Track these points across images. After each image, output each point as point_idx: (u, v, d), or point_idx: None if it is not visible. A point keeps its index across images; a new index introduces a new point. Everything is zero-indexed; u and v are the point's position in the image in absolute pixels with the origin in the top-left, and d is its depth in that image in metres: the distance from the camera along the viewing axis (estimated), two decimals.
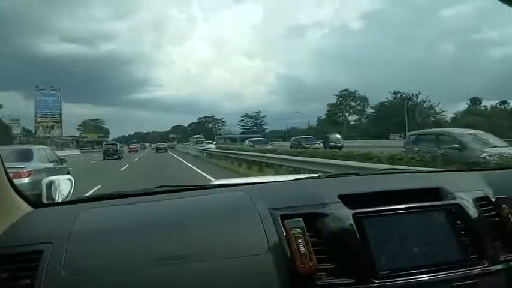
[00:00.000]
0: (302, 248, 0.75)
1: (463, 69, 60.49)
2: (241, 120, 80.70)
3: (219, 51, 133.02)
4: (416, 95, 50.65)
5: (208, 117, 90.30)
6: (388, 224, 0.85)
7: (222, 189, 1.07)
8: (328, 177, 1.15)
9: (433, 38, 73.49)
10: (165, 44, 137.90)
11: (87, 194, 1.04)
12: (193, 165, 15.06)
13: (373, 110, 57.83)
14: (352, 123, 62.42)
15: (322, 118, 65.80)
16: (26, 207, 0.94)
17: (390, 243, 0.83)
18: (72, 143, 56.78)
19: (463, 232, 0.86)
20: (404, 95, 51.44)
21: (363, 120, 62.06)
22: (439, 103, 48.83)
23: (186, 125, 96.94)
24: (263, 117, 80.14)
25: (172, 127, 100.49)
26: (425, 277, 0.79)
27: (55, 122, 54.75)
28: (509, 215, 0.90)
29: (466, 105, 46.06)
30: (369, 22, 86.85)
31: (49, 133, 53.19)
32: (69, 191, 1.13)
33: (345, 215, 0.83)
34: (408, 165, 4.58)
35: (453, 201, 0.91)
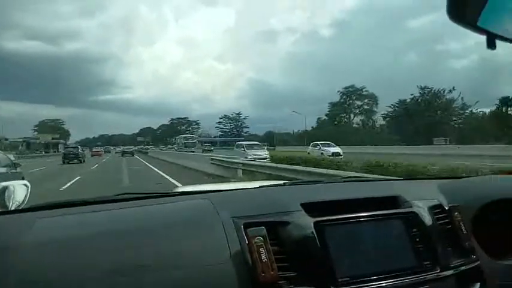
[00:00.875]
0: (263, 257, 0.83)
1: (426, 77, 63.44)
2: (220, 122, 79.47)
3: (189, 54, 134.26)
4: (450, 90, 44.53)
5: (181, 118, 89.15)
6: (349, 232, 0.95)
7: (186, 197, 1.12)
8: (293, 184, 1.24)
9: (399, 47, 77.96)
10: (135, 44, 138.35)
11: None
12: None
13: (392, 109, 52.20)
14: (355, 125, 58.95)
15: (322, 119, 62.43)
16: None
17: (350, 251, 0.93)
18: (22, 145, 54.08)
19: (418, 239, 0.98)
20: (433, 91, 45.88)
21: (367, 123, 58.13)
22: (477, 102, 41.89)
23: (155, 128, 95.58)
24: (244, 119, 79.28)
25: (141, 129, 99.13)
26: (382, 283, 0.89)
27: None
28: (460, 223, 1.03)
29: (496, 106, 40.96)
30: (339, 30, 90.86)
31: None
32: (25, 198, 1.15)
33: (307, 223, 0.92)
34: None
35: (409, 209, 1.02)
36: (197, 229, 0.91)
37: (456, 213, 1.04)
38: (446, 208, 1.07)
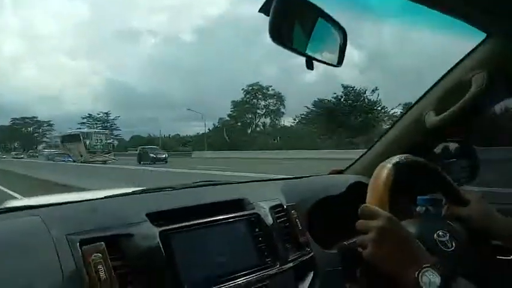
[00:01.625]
0: (102, 275, 0.79)
1: (282, 89, 66.03)
2: (83, 123, 64.38)
3: (32, 47, 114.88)
4: (373, 90, 41.00)
5: (28, 118, 74.75)
6: (195, 238, 0.99)
7: (14, 214, 0.98)
8: (142, 192, 1.22)
9: (258, 59, 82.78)
10: None
11: None
12: None
13: (309, 110, 45.73)
14: (258, 129, 53.26)
15: (225, 119, 54.14)
16: None
17: (196, 257, 0.96)
18: None
19: (260, 239, 1.09)
20: (355, 90, 41.83)
21: (271, 125, 52.60)
22: (399, 105, 37.90)
23: None
24: (114, 119, 66.61)
25: None
26: (228, 284, 0.96)
27: None
28: (297, 220, 1.19)
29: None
30: (201, 37, 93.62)
31: None
32: None
33: (152, 233, 0.92)
34: None
35: (253, 211, 1.12)
36: (23, 253, 0.81)
37: (293, 211, 1.20)
38: (285, 207, 1.21)
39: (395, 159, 0.96)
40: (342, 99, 43.24)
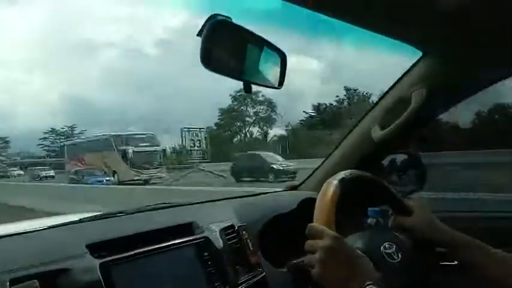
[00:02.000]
0: None
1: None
2: (44, 139, 57.74)
3: None
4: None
5: None
6: (139, 268, 0.94)
7: None
8: (89, 220, 1.15)
9: None
10: None
11: None
12: None
13: (308, 115, 42.61)
14: (246, 139, 49.51)
15: (212, 128, 49.50)
16: None
17: None
18: None
19: (209, 263, 1.05)
20: (360, 94, 40.35)
21: (260, 133, 49.13)
22: None
23: None
24: (80, 134, 56.40)
25: None
26: None
27: None
28: (248, 240, 1.15)
29: None
30: (164, 49, 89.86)
31: None
32: None
33: (92, 266, 0.87)
34: None
35: (202, 235, 1.09)
36: None
37: (244, 231, 1.16)
38: (236, 228, 1.18)
39: (341, 175, 0.97)
40: (345, 103, 41.55)
